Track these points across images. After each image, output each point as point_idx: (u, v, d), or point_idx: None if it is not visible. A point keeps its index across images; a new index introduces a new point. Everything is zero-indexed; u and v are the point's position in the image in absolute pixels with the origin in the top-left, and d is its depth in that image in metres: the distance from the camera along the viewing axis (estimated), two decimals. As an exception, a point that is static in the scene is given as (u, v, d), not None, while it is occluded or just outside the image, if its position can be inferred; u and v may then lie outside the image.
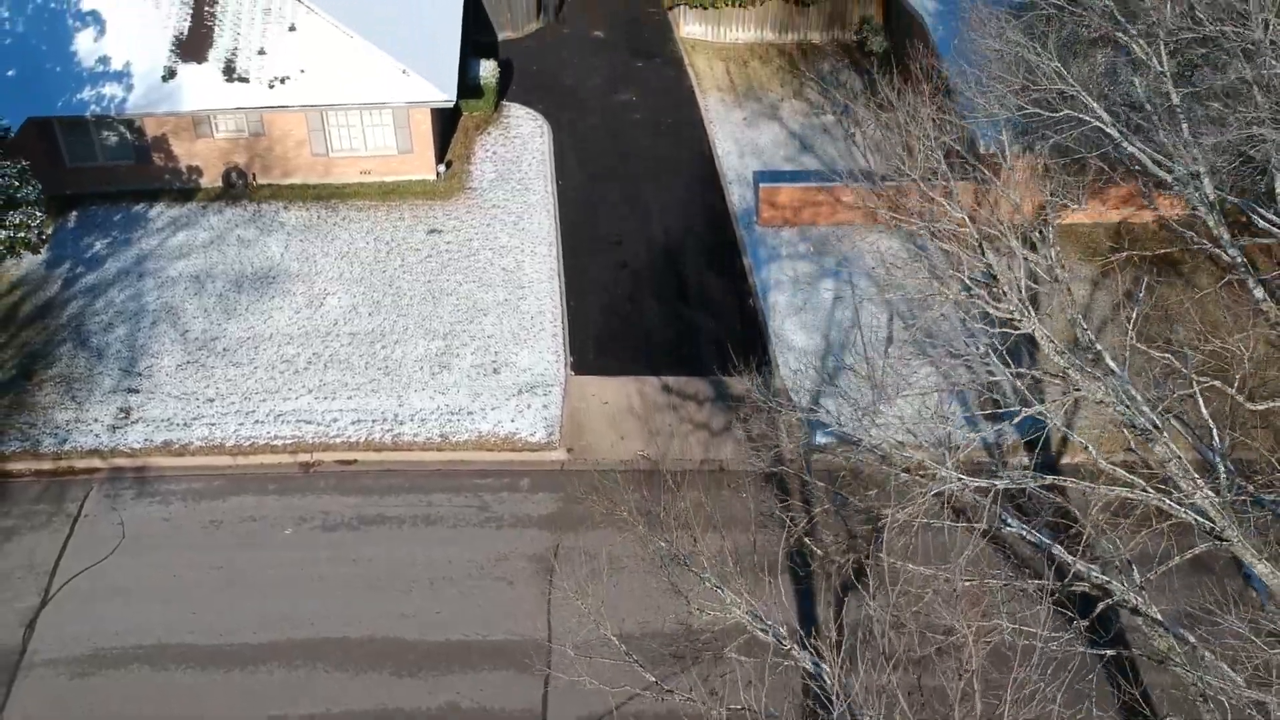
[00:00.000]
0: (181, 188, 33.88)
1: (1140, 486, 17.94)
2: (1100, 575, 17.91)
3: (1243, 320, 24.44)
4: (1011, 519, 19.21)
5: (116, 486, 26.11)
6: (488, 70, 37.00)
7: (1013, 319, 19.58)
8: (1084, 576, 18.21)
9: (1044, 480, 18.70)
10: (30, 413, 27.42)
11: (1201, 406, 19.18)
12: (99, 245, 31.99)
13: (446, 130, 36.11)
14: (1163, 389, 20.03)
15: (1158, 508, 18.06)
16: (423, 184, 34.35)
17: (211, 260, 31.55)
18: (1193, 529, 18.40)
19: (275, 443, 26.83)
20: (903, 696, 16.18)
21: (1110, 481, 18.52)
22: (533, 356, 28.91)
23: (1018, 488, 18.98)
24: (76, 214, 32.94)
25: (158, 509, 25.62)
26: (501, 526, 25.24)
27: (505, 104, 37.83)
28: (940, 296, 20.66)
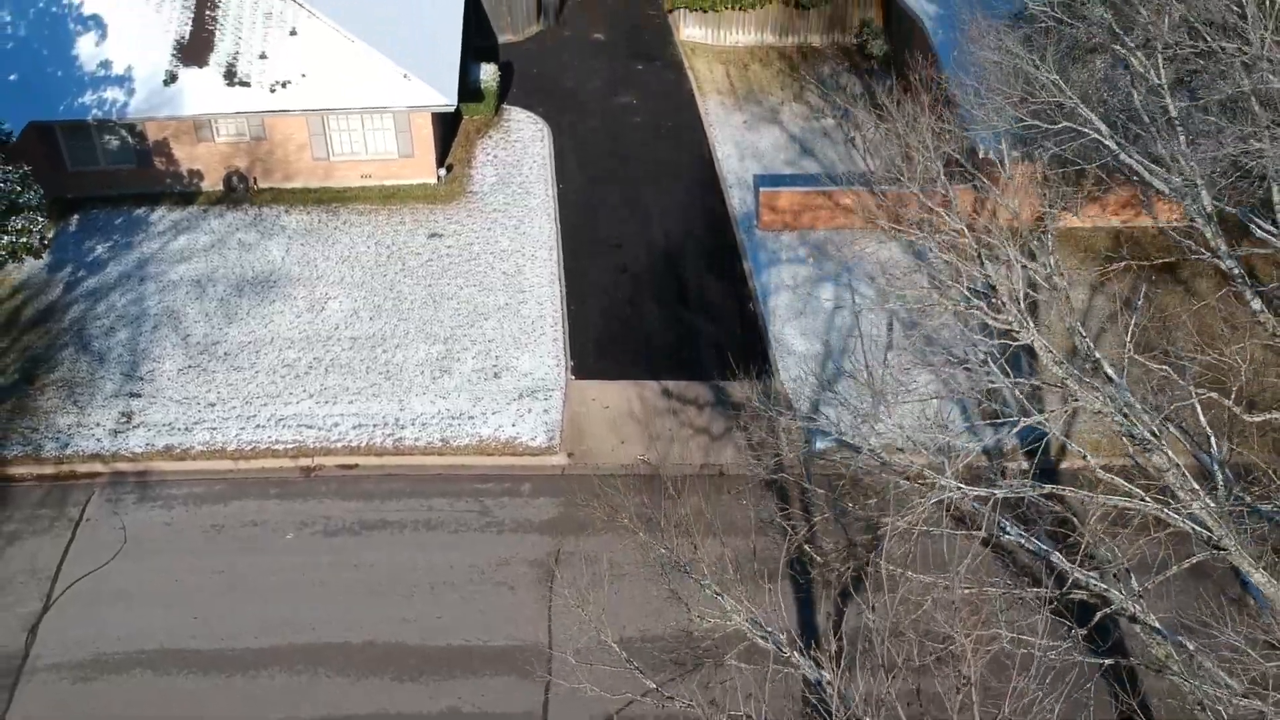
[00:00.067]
0: (183, 191, 33.95)
1: (1139, 496, 18.01)
2: (1099, 583, 17.98)
3: (1240, 332, 24.50)
4: (1010, 526, 19.28)
5: (118, 491, 26.18)
6: (488, 74, 37.05)
7: (1011, 329, 19.64)
8: (1083, 584, 18.28)
9: (1043, 489, 18.76)
10: (32, 417, 27.49)
11: (1200, 414, 19.26)
12: (100, 249, 32.06)
13: (447, 134, 36.16)
14: (1161, 399, 20.08)
15: (1156, 517, 18.12)
16: (424, 188, 34.41)
17: (213, 264, 31.62)
18: (1191, 537, 18.46)
19: (276, 447, 26.90)
20: (902, 708, 16.25)
21: (1109, 490, 18.59)
22: (533, 361, 28.97)
23: (1016, 497, 19.04)
24: (78, 218, 33.02)
25: (159, 513, 25.70)
26: (502, 531, 25.31)
27: (506, 107, 37.89)
28: (939, 307, 20.71)
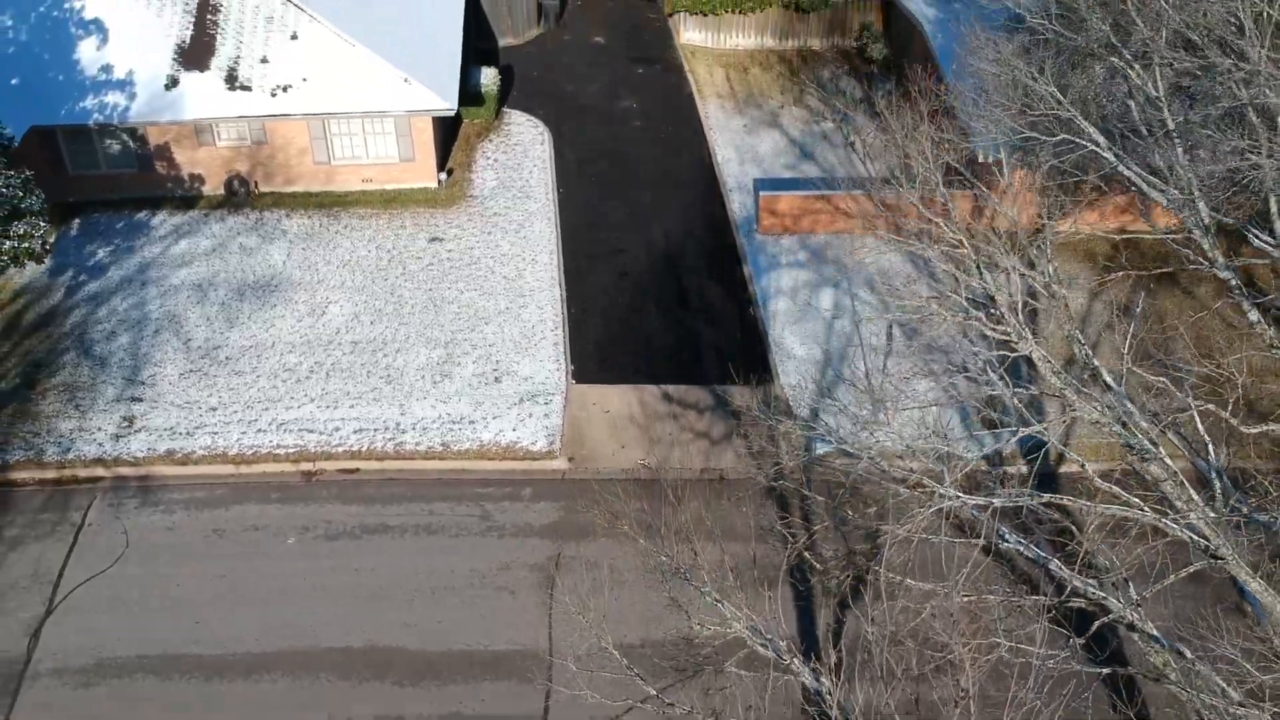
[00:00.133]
0: (184, 195, 34.00)
1: (1137, 505, 18.09)
2: (1097, 591, 18.07)
3: (1238, 343, 24.57)
4: (1009, 534, 19.36)
5: (120, 495, 26.25)
6: (489, 78, 37.09)
7: (1010, 340, 19.72)
8: (1081, 592, 18.36)
9: (1042, 498, 18.85)
10: (34, 421, 27.55)
11: (1198, 422, 19.35)
12: (102, 253, 32.12)
13: (448, 138, 36.22)
14: (1161, 403, 20.16)
15: (1154, 526, 18.21)
16: (424, 192, 34.47)
17: (214, 268, 31.68)
18: (1189, 545, 18.55)
19: (278, 451, 26.98)
20: (900, 718, 16.33)
21: (1108, 499, 18.67)
22: (534, 365, 29.05)
23: (1014, 506, 19.12)
24: (79, 222, 33.08)
25: (161, 518, 25.77)
26: (503, 536, 25.39)
27: (506, 111, 37.95)
28: (938, 317, 20.79)
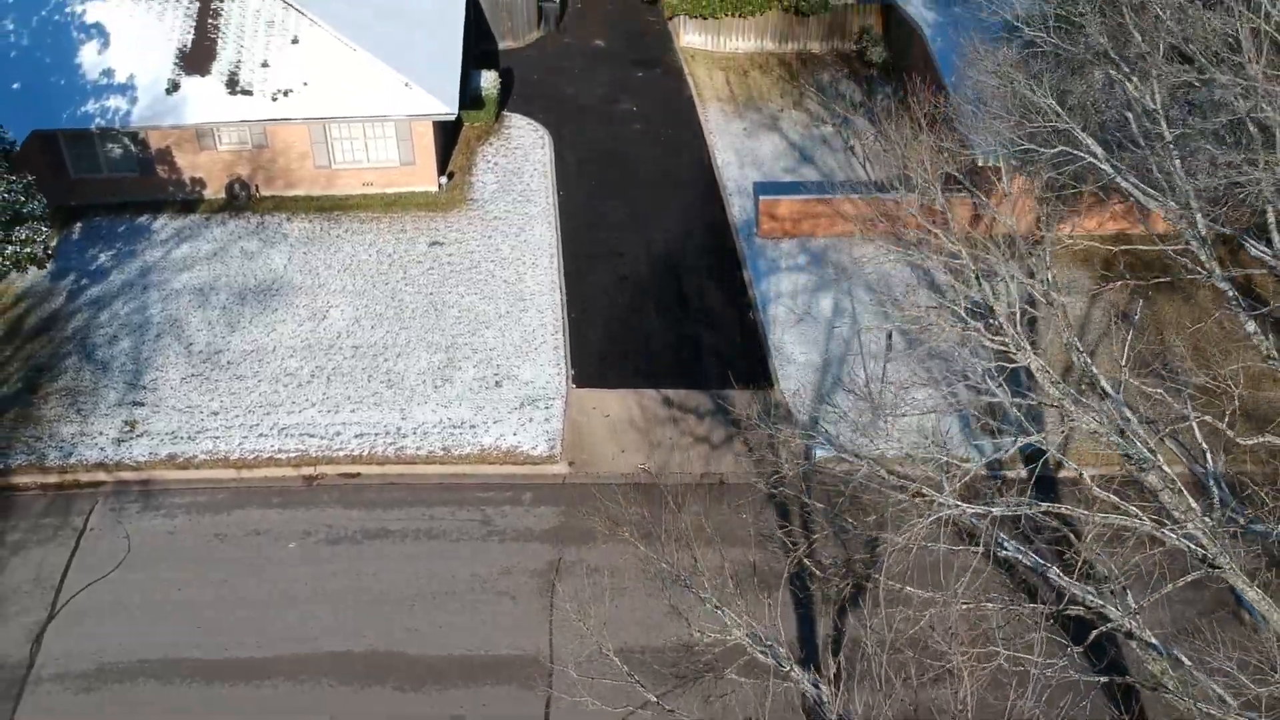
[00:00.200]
0: (185, 199, 34.07)
1: (1135, 514, 18.18)
2: (1096, 599, 18.15)
3: (1235, 354, 24.65)
4: (1008, 542, 19.44)
5: (122, 500, 26.31)
6: (489, 81, 37.15)
7: (1008, 351, 19.80)
8: (1080, 600, 18.45)
9: (1040, 507, 18.93)
10: (36, 426, 27.63)
11: (1195, 430, 19.43)
12: (103, 257, 32.19)
13: (448, 141, 36.29)
14: (1158, 411, 20.24)
15: (1151, 535, 18.29)
16: (425, 196, 34.54)
17: (215, 272, 31.76)
18: (1186, 554, 18.63)
19: (279, 456, 27.05)
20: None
21: (1106, 508, 18.75)
22: (534, 369, 29.12)
23: (1014, 515, 19.20)
24: (81, 225, 33.15)
25: (163, 522, 25.84)
26: (504, 540, 25.46)
27: (506, 114, 38.01)
28: (937, 327, 20.87)
